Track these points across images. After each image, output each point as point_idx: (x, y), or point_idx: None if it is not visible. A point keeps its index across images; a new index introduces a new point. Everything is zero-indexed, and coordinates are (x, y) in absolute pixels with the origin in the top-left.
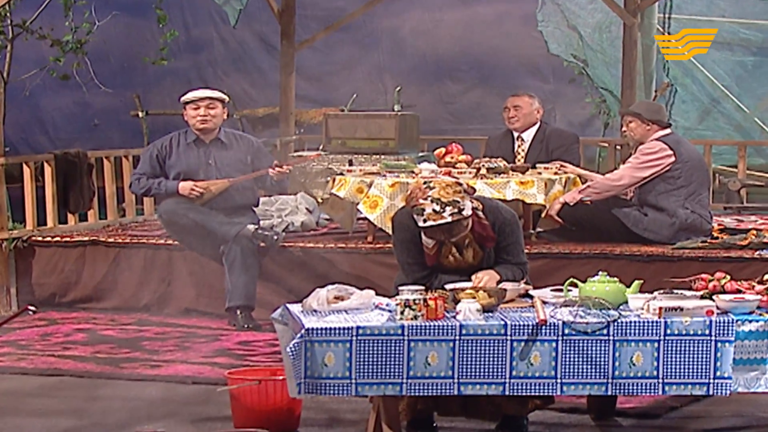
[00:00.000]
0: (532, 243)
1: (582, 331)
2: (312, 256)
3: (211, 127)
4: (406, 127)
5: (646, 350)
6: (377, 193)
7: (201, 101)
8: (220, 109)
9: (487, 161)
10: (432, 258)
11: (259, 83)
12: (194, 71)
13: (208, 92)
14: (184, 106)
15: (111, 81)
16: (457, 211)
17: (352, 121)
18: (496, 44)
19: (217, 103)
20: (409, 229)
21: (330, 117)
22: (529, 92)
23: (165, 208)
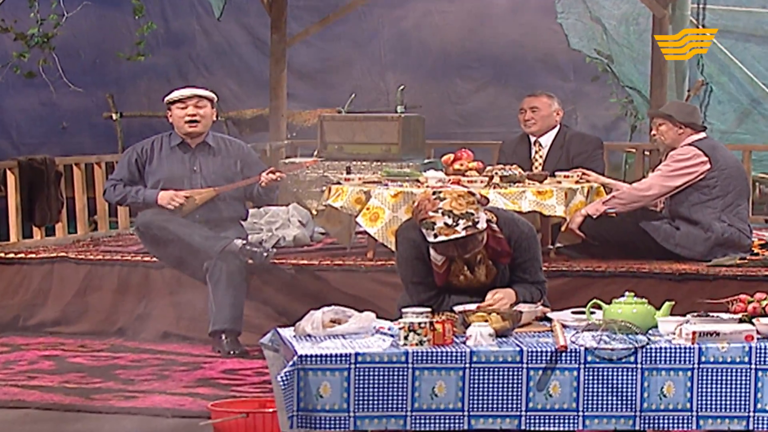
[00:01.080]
0: (551, 260)
1: (606, 359)
2: (305, 275)
3: (200, 129)
4: (411, 131)
5: (678, 380)
6: (378, 204)
7: (189, 100)
8: (209, 109)
9: (500, 169)
10: (441, 277)
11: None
12: (174, 68)
13: (197, 90)
14: (169, 106)
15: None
16: (471, 224)
17: (351, 124)
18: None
19: (206, 102)
20: (414, 244)
21: (326, 119)
22: (547, 92)
23: (142, 220)
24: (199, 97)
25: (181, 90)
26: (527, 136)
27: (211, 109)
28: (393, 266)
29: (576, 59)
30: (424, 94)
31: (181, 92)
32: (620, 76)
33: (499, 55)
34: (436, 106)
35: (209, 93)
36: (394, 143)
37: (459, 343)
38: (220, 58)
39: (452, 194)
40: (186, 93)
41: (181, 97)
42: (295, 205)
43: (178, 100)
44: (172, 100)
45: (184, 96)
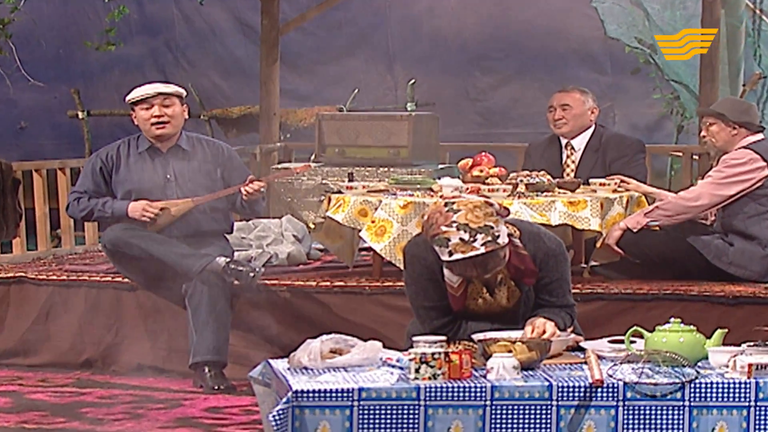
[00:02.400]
0: (584, 280)
1: (649, 395)
2: (301, 298)
3: (170, 131)
4: (422, 132)
5: (732, 419)
6: (385, 216)
7: (153, 98)
8: (178, 107)
9: (526, 175)
10: (458, 300)
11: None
12: (150, 59)
13: (160, 86)
14: (132, 107)
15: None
16: (491, 239)
17: (353, 124)
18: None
19: (174, 99)
20: (425, 262)
21: (324, 119)
22: (580, 87)
23: (111, 236)
24: (164, 95)
25: (143, 87)
26: (557, 137)
27: (180, 106)
28: (402, 288)
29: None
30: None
31: (143, 90)
32: (664, 69)
33: (524, 45)
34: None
35: (176, 88)
36: (403, 146)
37: (478, 377)
38: (203, 47)
39: (467, 205)
40: (149, 91)
41: (144, 95)
42: (289, 218)
43: (141, 100)
44: (133, 101)
45: (146, 94)
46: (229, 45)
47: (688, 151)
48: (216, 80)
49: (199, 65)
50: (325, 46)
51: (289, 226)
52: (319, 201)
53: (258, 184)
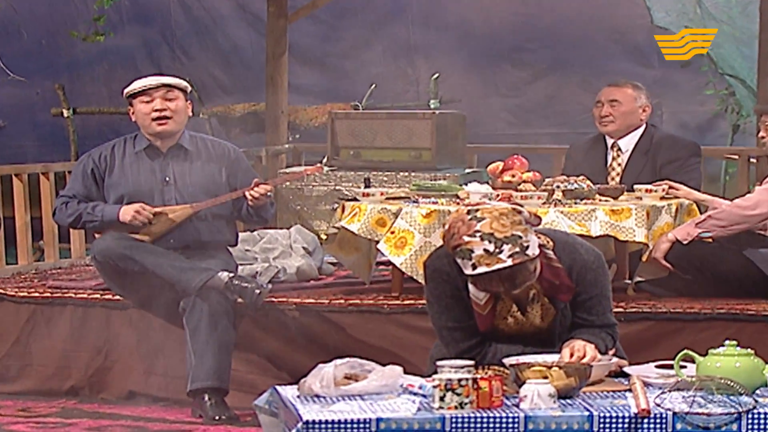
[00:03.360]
0: (629, 298)
1: (702, 426)
2: (312, 317)
3: (172, 127)
4: (447, 132)
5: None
6: (406, 226)
7: (155, 91)
8: (182, 102)
9: (563, 181)
10: (485, 320)
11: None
12: (143, 51)
13: (164, 78)
14: (130, 100)
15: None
16: (519, 250)
17: (370, 124)
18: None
19: (178, 92)
20: (448, 278)
21: (338, 117)
22: (633, 82)
23: (102, 246)
24: (167, 87)
25: (145, 79)
26: (603, 137)
27: (184, 101)
28: (424, 306)
29: None
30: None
31: (144, 81)
32: (718, 62)
33: (561, 34)
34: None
35: (180, 81)
36: (425, 148)
37: (510, 406)
38: (203, 37)
39: (492, 213)
40: (151, 82)
41: (145, 87)
42: (298, 228)
43: (141, 92)
44: (133, 93)
45: (148, 86)
46: (231, 35)
47: (744, 153)
48: (217, 74)
49: (198, 58)
50: (339, 36)
51: (299, 238)
52: (331, 209)
53: (264, 188)
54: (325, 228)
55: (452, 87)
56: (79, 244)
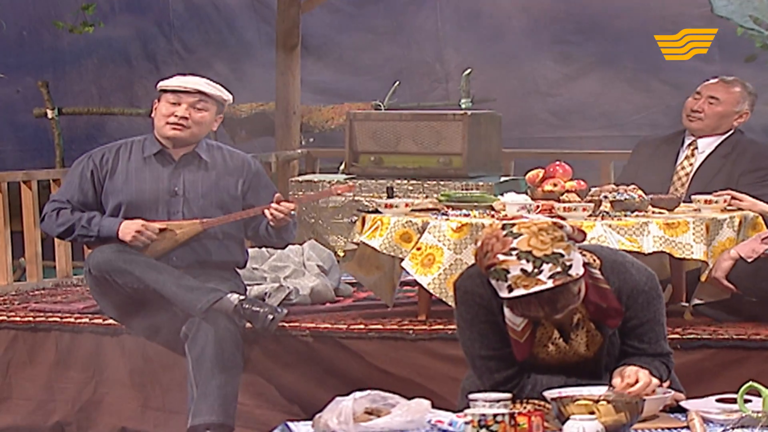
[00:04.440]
0: (686, 323)
1: None
2: (328, 345)
3: (186, 136)
4: (481, 135)
5: None
6: (434, 242)
7: (186, 95)
8: (210, 115)
9: (611, 191)
10: (523, 348)
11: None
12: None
13: (204, 84)
14: (160, 94)
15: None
16: (561, 270)
17: (393, 126)
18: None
19: (211, 104)
20: (482, 300)
21: (357, 119)
22: (744, 82)
23: (99, 259)
24: (203, 95)
25: (184, 78)
26: (680, 134)
27: (214, 115)
28: (454, 332)
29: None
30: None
31: (181, 81)
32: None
33: (608, 25)
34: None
35: (221, 91)
36: (456, 153)
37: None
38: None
39: (530, 228)
40: (187, 84)
41: (178, 87)
42: (312, 244)
43: (172, 90)
44: (164, 87)
45: (182, 86)
46: (236, 26)
47: None
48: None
49: (199, 51)
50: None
51: (313, 255)
52: (350, 222)
53: (288, 206)
54: (343, 244)
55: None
56: (65, 261)
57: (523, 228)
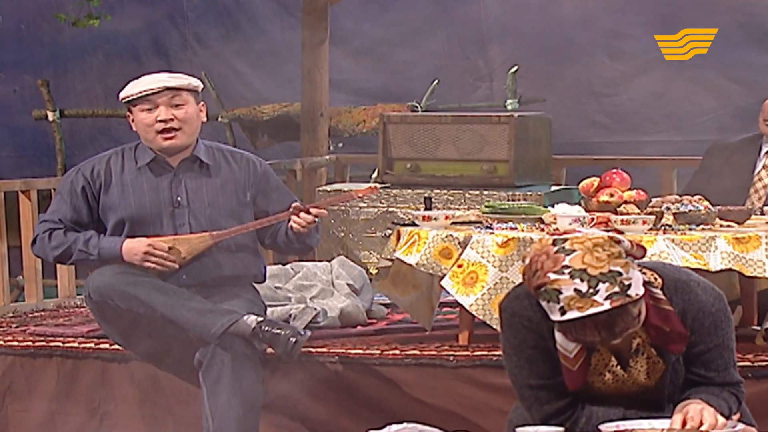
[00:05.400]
0: (758, 348)
1: None
2: (360, 372)
3: (182, 141)
4: (529, 140)
5: None
6: (477, 258)
7: (157, 96)
8: (192, 107)
9: (674, 201)
10: (576, 376)
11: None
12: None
13: (167, 78)
14: (128, 107)
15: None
16: (619, 290)
17: (432, 130)
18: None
19: (187, 96)
20: (530, 324)
21: (391, 121)
22: None
23: (99, 283)
24: (173, 90)
25: (144, 80)
26: (758, 140)
27: (196, 105)
28: (500, 359)
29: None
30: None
31: (143, 84)
32: None
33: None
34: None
35: (190, 80)
36: (501, 160)
37: None
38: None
39: (584, 243)
40: (152, 85)
41: (145, 92)
42: (342, 260)
43: (140, 98)
44: (130, 99)
45: (148, 90)
46: (258, 18)
47: None
48: (239, 67)
49: (216, 46)
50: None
51: (343, 272)
52: (384, 236)
53: (316, 211)
54: (376, 260)
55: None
56: (68, 279)
57: (576, 243)
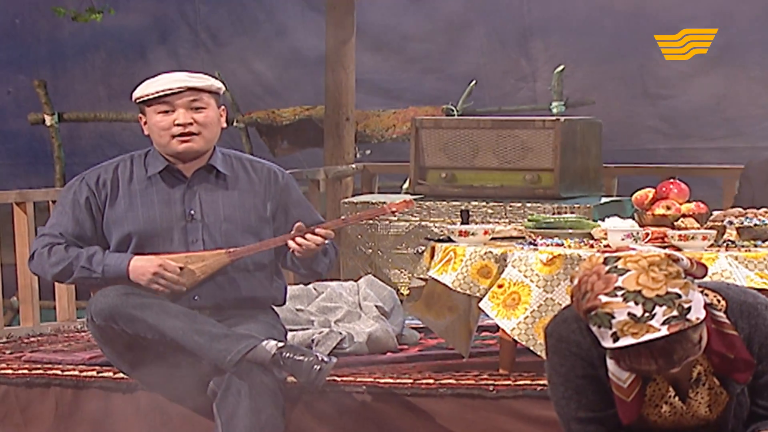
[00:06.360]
0: None
1: None
2: (390, 403)
3: (200, 146)
4: (576, 147)
5: None
6: (519, 277)
7: (177, 97)
8: (213, 112)
9: (738, 214)
10: (630, 409)
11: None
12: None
13: (188, 78)
14: (142, 107)
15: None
16: (677, 314)
17: (469, 135)
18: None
19: (208, 98)
20: (580, 351)
21: (424, 126)
22: None
23: (103, 305)
24: (194, 91)
25: (163, 78)
26: None
27: (216, 109)
28: (545, 389)
29: None
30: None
31: (162, 83)
32: None
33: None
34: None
35: (212, 81)
36: (546, 169)
37: None
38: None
39: (638, 262)
40: (172, 84)
41: (163, 92)
42: (370, 280)
43: (158, 99)
44: (144, 98)
45: (167, 90)
46: (276, 12)
47: None
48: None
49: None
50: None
51: (371, 293)
52: (416, 254)
53: (323, 233)
54: (407, 280)
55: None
56: (68, 301)
57: (630, 262)
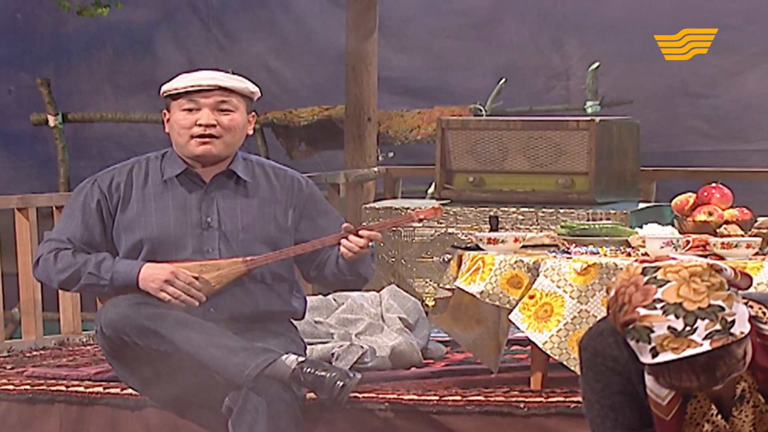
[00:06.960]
0: None
1: None
2: (414, 421)
3: (219, 150)
4: (613, 149)
5: None
6: (551, 288)
7: (205, 96)
8: (241, 115)
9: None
10: (669, 427)
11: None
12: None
13: (223, 78)
14: (168, 102)
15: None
16: (720, 328)
17: (498, 137)
18: None
19: (238, 101)
20: (617, 366)
21: (451, 127)
22: None
23: (113, 316)
24: (225, 92)
25: (195, 75)
26: None
27: (245, 114)
28: (579, 406)
29: None
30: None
31: (193, 78)
32: None
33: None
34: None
35: (247, 84)
36: (581, 173)
37: None
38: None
39: (679, 272)
40: (202, 81)
41: (192, 87)
42: (393, 291)
43: (183, 93)
44: (171, 92)
45: (196, 86)
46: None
47: None
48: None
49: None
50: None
51: (394, 304)
52: (442, 262)
53: (369, 234)
54: (433, 290)
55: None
56: (72, 312)
57: (669, 272)
